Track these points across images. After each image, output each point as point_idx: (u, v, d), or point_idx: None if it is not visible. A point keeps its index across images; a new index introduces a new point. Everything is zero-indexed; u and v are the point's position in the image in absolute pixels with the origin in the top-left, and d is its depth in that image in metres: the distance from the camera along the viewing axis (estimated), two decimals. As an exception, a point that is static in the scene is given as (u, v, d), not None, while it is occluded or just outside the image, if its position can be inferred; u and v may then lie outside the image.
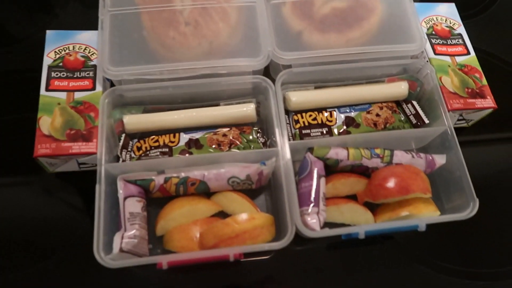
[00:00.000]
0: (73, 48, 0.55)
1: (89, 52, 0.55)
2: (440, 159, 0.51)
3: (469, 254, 0.53)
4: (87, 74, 0.54)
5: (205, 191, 0.51)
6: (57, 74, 0.53)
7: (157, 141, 0.53)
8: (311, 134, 0.54)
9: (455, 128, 0.58)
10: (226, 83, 0.52)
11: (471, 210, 0.46)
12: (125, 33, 0.53)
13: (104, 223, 0.45)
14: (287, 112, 0.56)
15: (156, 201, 0.52)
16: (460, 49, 0.58)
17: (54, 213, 0.52)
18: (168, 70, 0.51)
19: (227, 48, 0.53)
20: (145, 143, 0.53)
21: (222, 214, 0.51)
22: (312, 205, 0.47)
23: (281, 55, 0.52)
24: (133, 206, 0.48)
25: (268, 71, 0.59)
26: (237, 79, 0.52)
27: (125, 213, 0.47)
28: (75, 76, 0.53)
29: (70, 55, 0.54)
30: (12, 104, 0.58)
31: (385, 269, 0.51)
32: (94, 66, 0.54)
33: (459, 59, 0.57)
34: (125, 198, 0.47)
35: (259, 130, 0.55)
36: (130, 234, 0.45)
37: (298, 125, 0.54)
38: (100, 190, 0.46)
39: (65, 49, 0.55)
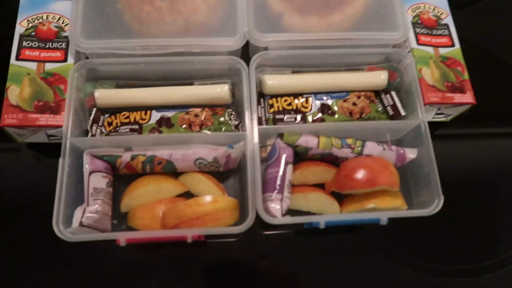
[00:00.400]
0: (47, 17, 0.54)
1: (63, 23, 0.54)
2: (411, 153, 0.50)
3: (433, 250, 0.52)
4: (60, 45, 0.52)
5: (172, 171, 0.50)
6: (28, 44, 0.52)
7: (128, 117, 0.53)
8: (284, 120, 0.53)
9: (434, 122, 0.58)
10: (199, 63, 0.51)
11: (435, 206, 0.45)
12: (100, 5, 0.52)
13: (67, 197, 0.45)
14: (263, 95, 0.55)
15: (124, 177, 0.52)
16: (444, 40, 0.56)
17: (21, 184, 0.52)
18: (140, 45, 0.50)
19: (203, 26, 0.52)
20: (116, 118, 0.53)
21: (189, 195, 0.51)
22: (276, 191, 0.47)
23: (258, 36, 0.51)
24: (98, 181, 0.47)
25: (248, 53, 0.58)
26: (211, 59, 0.51)
27: (89, 188, 0.47)
28: (47, 46, 0.52)
29: (43, 25, 0.53)
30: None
31: (348, 259, 0.51)
32: (67, 38, 0.53)
33: (442, 51, 0.55)
34: (90, 173, 0.47)
35: (232, 112, 0.54)
36: (92, 209, 0.46)
37: (272, 110, 0.53)
38: (64, 164, 0.46)
39: (38, 18, 0.53)
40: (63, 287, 0.49)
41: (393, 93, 0.54)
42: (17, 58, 0.51)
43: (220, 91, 0.53)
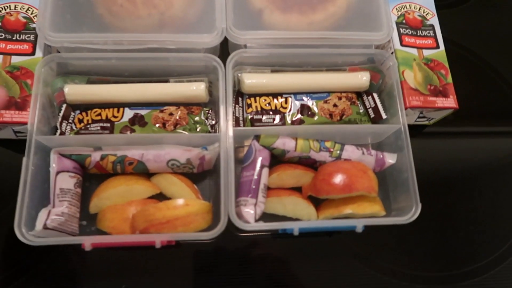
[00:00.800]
0: (15, 7, 0.51)
1: (31, 13, 0.51)
2: (390, 159, 0.49)
3: (410, 256, 0.52)
4: (28, 37, 0.50)
5: (144, 172, 0.49)
6: (-6, 35, 0.49)
7: (99, 114, 0.50)
8: (263, 120, 0.51)
9: (416, 126, 0.57)
10: (174, 60, 0.49)
11: (412, 214, 0.44)
12: (70, -5, 0.49)
13: (32, 198, 0.43)
14: (241, 94, 0.53)
15: (95, 176, 0.50)
16: (429, 41, 0.54)
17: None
18: (113, 40, 0.47)
19: (179, 21, 0.50)
20: (87, 115, 0.51)
21: (162, 196, 0.49)
22: (250, 195, 0.45)
23: (236, 33, 0.49)
24: (65, 181, 0.45)
25: (227, 49, 0.56)
26: (186, 56, 0.49)
27: (55, 189, 0.45)
28: (14, 38, 0.50)
29: (11, 15, 0.50)
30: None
31: (324, 263, 0.50)
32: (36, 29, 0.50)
33: (426, 53, 0.54)
34: (57, 173, 0.45)
35: (209, 111, 0.52)
36: (58, 211, 0.44)
37: (250, 109, 0.52)
38: (28, 163, 0.43)
39: (5, 7, 0.51)
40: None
41: (375, 95, 0.53)
42: (-19, 50, 0.48)
43: (196, 89, 0.51)
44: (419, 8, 0.56)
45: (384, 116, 0.51)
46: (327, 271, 0.50)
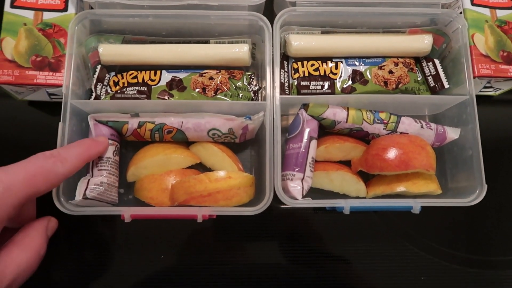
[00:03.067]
0: (45, -43, 0.47)
1: (63, -36, 0.47)
2: (452, 133, 0.44)
3: (466, 240, 0.48)
4: (59, -10, 0.46)
5: (183, 140, 0.46)
6: (24, -12, 0.46)
7: (135, 77, 0.47)
8: (310, 87, 0.47)
9: (480, 96, 0.51)
10: (216, 18, 0.44)
11: (476, 196, 0.40)
12: None
13: (69, 165, 0.41)
14: (287, 58, 0.49)
15: (131, 143, 0.48)
16: (505, 0, 0.47)
17: (20, 147, 0.49)
18: (149, -5, 0.43)
19: (222, -26, 0.45)
20: (122, 78, 0.48)
21: (201, 166, 0.47)
22: (297, 169, 0.42)
23: (285, -11, 0.44)
24: (103, 149, 0.43)
25: (272, 8, 0.51)
26: (229, 14, 0.44)
27: (93, 157, 0.43)
28: (45, -8, 0.46)
29: (41, -34, 0.47)
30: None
31: (371, 241, 0.47)
32: (68, -18, 0.46)
33: (500, 13, 0.47)
34: (96, 141, 0.43)
35: (252, 76, 0.48)
36: (97, 181, 0.42)
37: (296, 75, 0.47)
38: (64, 129, 0.41)
39: (35, -42, 0.47)
40: (67, 260, 0.46)
41: (436, 61, 0.47)
42: (12, 5, 0.45)
43: (239, 51, 0.46)
44: (495, -40, 0.49)
45: (446, 85, 0.46)
46: (375, 251, 0.47)
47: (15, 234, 0.35)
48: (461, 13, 0.47)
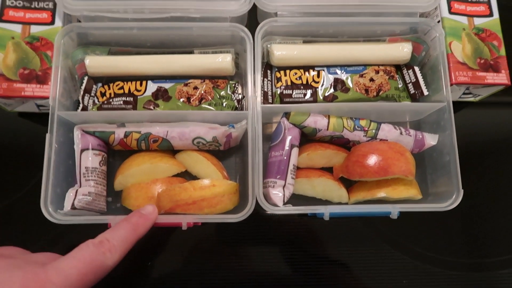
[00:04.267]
0: (32, -29, 0.48)
1: (49, -22, 0.48)
2: (431, 140, 0.45)
3: (447, 242, 0.49)
4: (46, 5, 0.47)
5: (169, 149, 0.47)
6: (12, 2, 0.47)
7: (122, 88, 0.48)
8: (293, 96, 0.48)
9: (460, 102, 0.52)
10: (198, 30, 0.45)
11: (453, 201, 0.41)
12: (88, -42, 0.45)
13: (56, 175, 0.42)
14: (270, 67, 0.50)
15: (119, 151, 0.49)
16: (482, 8, 0.48)
17: (10, 157, 0.50)
18: (133, 8, 0.44)
19: (204, -14, 0.46)
20: (109, 88, 0.49)
21: (187, 174, 0.48)
22: (278, 177, 0.43)
23: (266, 0, 0.45)
24: (90, 160, 0.44)
25: (256, 17, 0.52)
26: (212, 26, 0.45)
27: (81, 168, 0.44)
28: (32, 6, 0.47)
29: (28, -20, 0.48)
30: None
31: (354, 246, 0.48)
32: (54, -4, 0.48)
33: (477, 21, 0.48)
34: (81, 151, 0.44)
35: (236, 85, 0.49)
36: (85, 191, 0.43)
37: (279, 84, 0.48)
38: (52, 140, 0.42)
39: (22, -28, 0.48)
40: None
41: (416, 68, 0.48)
42: (0, 19, 0.46)
43: (222, 61, 0.47)
44: (472, -31, 0.50)
45: (426, 92, 0.47)
46: (358, 256, 0.48)
47: None
48: (439, 21, 0.48)
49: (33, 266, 0.31)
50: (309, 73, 0.49)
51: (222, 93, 0.48)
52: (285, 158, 0.44)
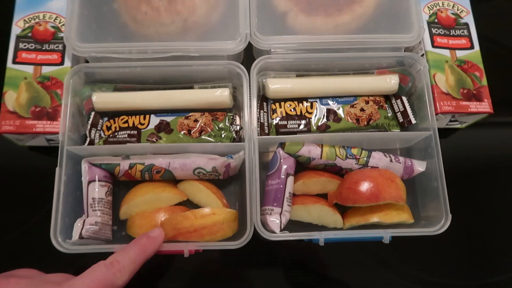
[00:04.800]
0: (43, 17, 0.52)
1: (59, 23, 0.52)
2: (419, 166, 0.48)
3: (440, 265, 0.51)
4: (56, 47, 0.51)
5: (171, 179, 0.49)
6: (25, 46, 0.50)
7: (126, 121, 0.51)
8: (288, 126, 0.51)
9: (447, 129, 0.55)
10: (198, 67, 0.49)
11: (441, 226, 0.43)
12: (95, 4, 0.49)
13: (65, 206, 0.45)
14: (266, 99, 0.53)
15: (123, 182, 0.51)
16: (463, 41, 0.52)
17: (22, 188, 0.52)
18: (137, 49, 0.48)
19: (202, 27, 0.49)
20: (114, 122, 0.52)
21: (189, 202, 0.50)
22: (275, 204, 0.45)
23: (260, 39, 0.48)
24: (96, 191, 0.47)
25: (251, 52, 0.55)
26: (210, 63, 0.48)
27: (88, 199, 0.46)
28: (43, 48, 0.51)
29: (40, 25, 0.51)
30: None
31: (350, 270, 0.50)
32: (64, 39, 0.51)
33: (460, 54, 0.51)
34: (89, 183, 0.47)
35: (234, 117, 0.52)
36: (92, 221, 0.45)
37: (275, 115, 0.51)
38: (61, 173, 0.45)
39: (35, 17, 0.52)
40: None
41: (404, 98, 0.51)
42: (14, 61, 0.50)
43: (221, 95, 0.51)
44: (453, 6, 0.53)
45: (413, 121, 0.50)
46: (354, 279, 0.50)
47: None
48: (423, 55, 0.51)
49: (50, 285, 0.34)
50: (302, 105, 0.51)
51: (221, 125, 0.51)
52: (281, 186, 0.46)
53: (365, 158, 0.48)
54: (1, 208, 0.52)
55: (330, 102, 0.52)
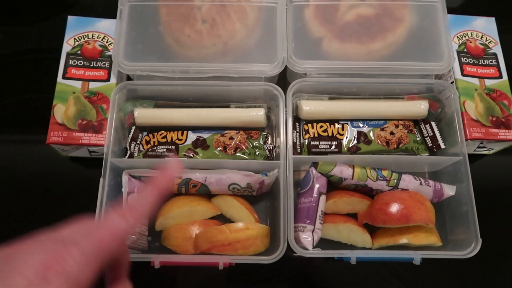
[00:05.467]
0: (92, 36, 0.55)
1: (107, 42, 0.55)
2: (449, 190, 0.49)
3: (467, 288, 0.51)
4: (103, 64, 0.54)
5: (206, 193, 0.51)
6: (74, 62, 0.54)
7: (165, 137, 0.54)
8: (320, 147, 0.53)
9: (475, 155, 0.56)
10: (236, 88, 0.51)
11: (472, 249, 0.44)
12: (142, 26, 0.53)
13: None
14: (299, 120, 0.55)
15: (159, 195, 0.53)
16: (492, 71, 0.53)
17: (62, 197, 0.55)
18: (180, 69, 0.51)
19: (242, 50, 0.52)
20: (153, 137, 0.54)
21: (222, 217, 0.52)
22: (308, 222, 0.47)
23: (296, 62, 0.51)
24: (135, 201, 0.49)
25: (285, 74, 0.58)
26: (248, 84, 0.51)
27: (127, 208, 0.48)
28: (91, 65, 0.54)
29: (89, 43, 0.55)
30: (29, 82, 0.61)
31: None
32: (111, 57, 0.54)
33: (488, 83, 0.53)
34: (128, 194, 0.49)
35: (267, 136, 0.54)
36: (130, 230, 0.47)
37: (307, 136, 0.53)
38: (104, 184, 0.47)
39: (84, 36, 0.55)
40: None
41: (433, 123, 0.53)
42: (64, 77, 0.53)
43: (256, 114, 0.53)
44: (481, 36, 0.55)
45: (442, 146, 0.51)
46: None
47: None
48: (452, 82, 0.53)
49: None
50: (334, 126, 0.53)
51: (255, 143, 0.53)
52: (313, 204, 0.47)
53: (395, 180, 0.49)
54: (43, 214, 0.54)
55: (360, 124, 0.53)
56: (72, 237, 0.31)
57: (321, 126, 0.53)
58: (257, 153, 0.53)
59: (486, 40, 0.55)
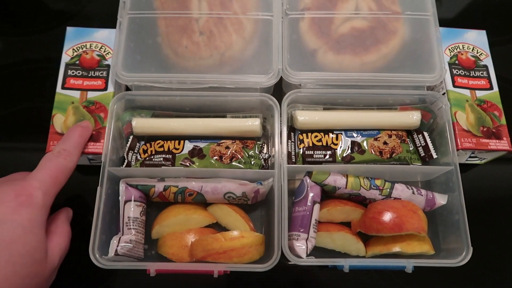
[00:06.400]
0: (90, 46, 0.56)
1: (104, 51, 0.56)
2: (441, 199, 0.50)
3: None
4: (101, 73, 0.55)
5: (202, 202, 0.52)
6: (73, 72, 0.55)
7: (162, 146, 0.55)
8: (314, 156, 0.53)
9: (467, 164, 0.57)
10: (232, 98, 0.52)
11: (463, 258, 0.45)
12: (141, 37, 0.54)
13: (103, 224, 0.47)
14: (293, 130, 0.56)
15: (154, 203, 0.54)
16: (482, 82, 0.55)
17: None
18: (177, 79, 0.52)
19: (238, 61, 0.53)
20: (151, 146, 0.55)
21: (217, 225, 0.52)
22: (302, 230, 0.48)
23: (291, 74, 0.52)
24: (132, 210, 0.50)
25: (281, 85, 0.59)
26: (244, 95, 0.52)
27: (124, 217, 0.49)
28: (89, 75, 0.55)
29: (87, 53, 0.56)
30: (29, 91, 0.62)
31: (371, 299, 0.52)
32: (108, 66, 0.55)
33: (479, 94, 0.54)
34: (125, 202, 0.50)
35: (262, 145, 0.55)
36: (126, 239, 0.48)
37: (302, 145, 0.54)
38: (101, 192, 0.48)
39: (82, 47, 0.56)
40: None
41: (425, 133, 0.54)
42: (63, 87, 0.54)
43: (251, 124, 0.54)
44: (473, 49, 0.57)
45: (435, 155, 0.52)
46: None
47: (47, 225, 0.44)
48: (444, 93, 0.54)
49: (17, 181, 0.42)
50: (328, 136, 0.54)
51: (251, 152, 0.54)
52: (308, 213, 0.48)
53: (388, 190, 0.50)
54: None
55: (354, 134, 0.54)
56: (23, 176, 0.44)
57: (316, 136, 0.54)
58: (252, 162, 0.53)
59: (477, 52, 0.57)
